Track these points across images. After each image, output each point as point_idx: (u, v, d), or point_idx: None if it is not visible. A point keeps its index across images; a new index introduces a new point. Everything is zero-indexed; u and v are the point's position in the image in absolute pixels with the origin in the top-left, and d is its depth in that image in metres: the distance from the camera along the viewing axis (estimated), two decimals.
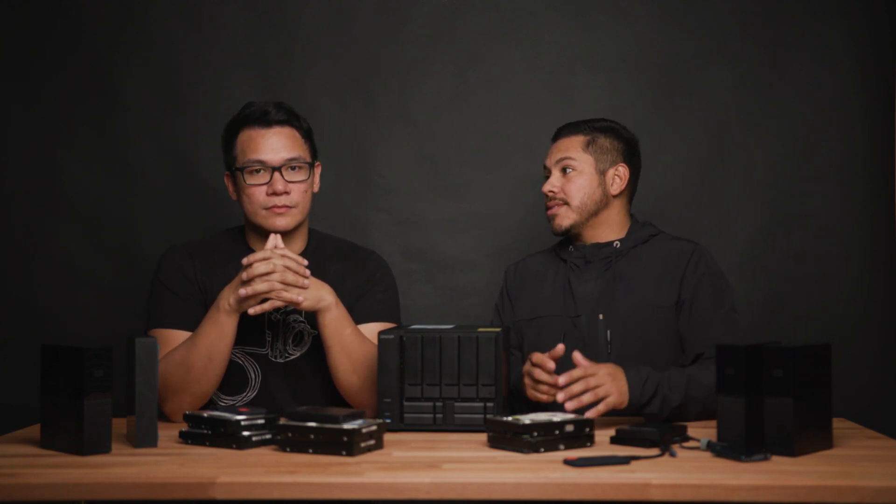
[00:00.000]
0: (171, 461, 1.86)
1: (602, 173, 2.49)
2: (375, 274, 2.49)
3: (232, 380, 2.35)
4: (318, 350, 2.38)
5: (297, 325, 2.40)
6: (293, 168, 2.38)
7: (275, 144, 2.37)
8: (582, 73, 3.09)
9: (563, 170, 2.50)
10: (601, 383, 2.11)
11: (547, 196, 2.52)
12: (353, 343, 2.30)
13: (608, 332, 2.41)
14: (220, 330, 2.24)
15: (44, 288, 3.05)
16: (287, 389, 2.38)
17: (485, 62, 3.11)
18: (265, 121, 2.38)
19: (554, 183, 2.51)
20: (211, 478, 1.70)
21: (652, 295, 2.41)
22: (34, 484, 1.72)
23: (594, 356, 2.37)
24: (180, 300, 2.36)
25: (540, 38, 3.10)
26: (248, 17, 3.10)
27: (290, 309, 2.37)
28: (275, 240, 2.25)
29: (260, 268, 2.19)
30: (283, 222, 2.37)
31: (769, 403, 1.89)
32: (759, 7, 3.07)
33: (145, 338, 1.97)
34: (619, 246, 2.48)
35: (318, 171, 2.48)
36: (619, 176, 2.50)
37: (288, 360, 2.39)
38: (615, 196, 2.50)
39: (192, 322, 2.33)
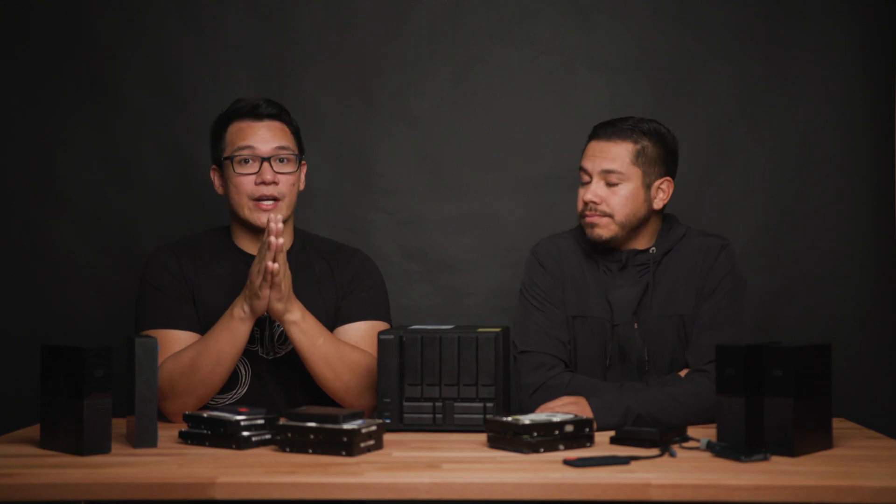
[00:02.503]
0: (171, 461, 1.86)
1: (647, 187, 2.38)
2: (360, 273, 2.49)
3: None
4: None
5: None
6: (281, 160, 2.39)
7: (265, 135, 2.39)
8: (582, 73, 3.09)
9: (609, 181, 2.36)
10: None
11: (586, 204, 2.38)
12: (328, 352, 2.30)
13: (646, 344, 2.36)
14: (232, 337, 2.25)
15: (44, 287, 3.05)
16: (278, 385, 2.38)
17: (485, 62, 3.11)
18: (256, 114, 2.40)
19: (598, 193, 2.36)
20: (211, 478, 1.70)
21: (678, 303, 2.37)
22: (34, 484, 1.72)
23: (633, 367, 2.36)
24: (170, 300, 2.35)
25: (540, 38, 3.10)
26: (248, 17, 3.10)
27: None
28: (275, 225, 2.20)
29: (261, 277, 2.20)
30: (267, 218, 2.37)
31: (769, 403, 1.89)
32: (759, 7, 3.07)
33: (145, 338, 1.97)
34: (654, 252, 2.40)
35: (304, 169, 2.48)
36: (662, 190, 2.40)
37: (277, 356, 2.39)
38: (657, 210, 2.41)
39: (183, 321, 2.34)
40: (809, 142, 3.06)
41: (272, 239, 2.17)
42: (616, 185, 2.36)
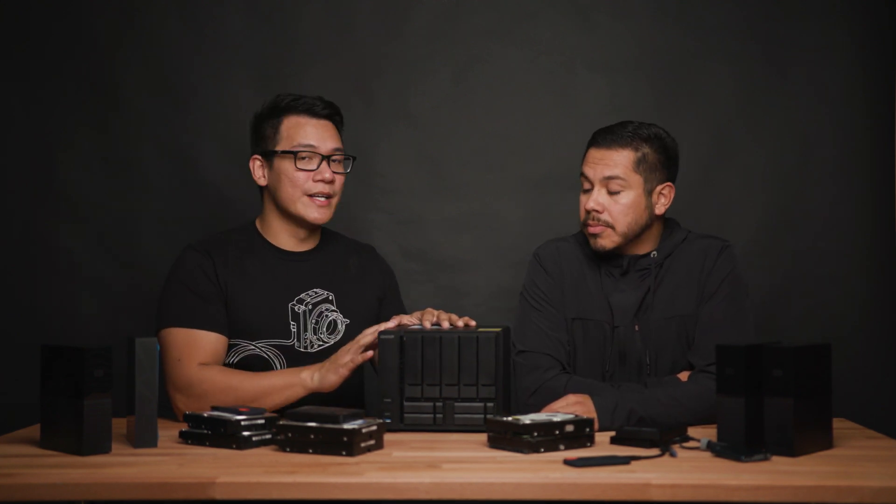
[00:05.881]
0: (171, 461, 1.86)
1: (649, 194, 2.35)
2: (386, 273, 2.58)
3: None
4: (350, 339, 2.39)
5: (329, 314, 2.42)
6: (336, 160, 2.43)
7: (324, 134, 2.42)
8: (582, 73, 3.09)
9: (610, 189, 2.34)
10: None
11: (587, 212, 2.36)
12: None
13: (646, 346, 2.36)
14: (285, 395, 2.25)
15: (44, 288, 3.05)
16: None
17: (485, 62, 3.11)
18: (314, 111, 2.42)
19: (600, 201, 2.34)
20: (211, 478, 1.70)
21: (680, 304, 2.36)
22: (34, 484, 1.72)
23: (633, 369, 2.35)
24: (200, 300, 2.34)
25: (540, 38, 3.10)
26: (248, 17, 3.10)
27: (320, 299, 2.42)
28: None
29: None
30: (320, 214, 2.40)
31: (769, 403, 1.89)
32: (759, 7, 3.07)
33: (145, 338, 1.97)
34: (655, 256, 2.39)
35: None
36: (664, 195, 2.38)
37: (322, 348, 2.40)
38: (658, 216, 2.39)
39: (211, 322, 2.32)
40: (809, 142, 3.06)
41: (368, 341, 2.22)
42: (618, 193, 2.34)
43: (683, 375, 2.32)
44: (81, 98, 3.07)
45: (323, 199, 2.39)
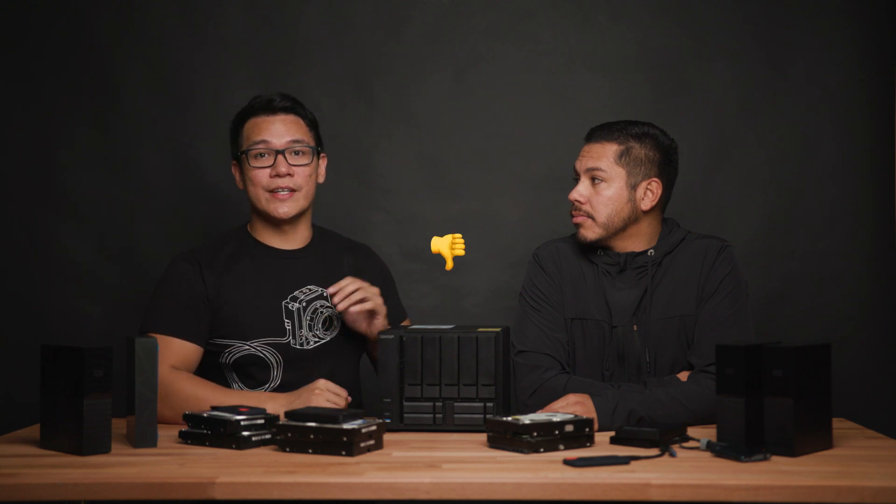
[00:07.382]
0: (171, 461, 1.86)
1: (633, 188, 2.36)
2: (383, 273, 2.59)
3: (253, 373, 2.37)
4: (346, 334, 2.44)
5: (325, 310, 2.43)
6: (297, 152, 2.43)
7: (279, 129, 2.43)
8: (582, 73, 3.09)
9: (592, 179, 2.39)
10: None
11: (572, 203, 2.41)
12: None
13: (646, 346, 2.36)
14: None
15: (44, 288, 3.05)
16: (311, 376, 2.37)
17: (485, 62, 3.11)
18: (270, 108, 2.44)
19: (581, 192, 2.38)
20: (211, 478, 1.70)
21: (679, 304, 2.36)
22: (34, 484, 1.72)
23: (632, 368, 2.36)
24: (181, 309, 2.35)
25: (540, 38, 3.10)
26: (248, 17, 3.10)
27: (314, 296, 2.43)
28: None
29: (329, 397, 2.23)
30: (284, 209, 2.41)
31: (769, 403, 1.89)
32: (759, 7, 3.07)
33: (145, 338, 1.97)
34: (652, 254, 2.39)
35: (323, 162, 2.52)
36: (651, 191, 2.38)
37: (318, 344, 2.41)
38: (645, 211, 2.39)
39: (188, 332, 2.33)
40: (809, 142, 3.06)
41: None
42: (600, 184, 2.37)
43: (683, 375, 2.32)
44: (81, 98, 3.07)
45: (284, 192, 2.41)
